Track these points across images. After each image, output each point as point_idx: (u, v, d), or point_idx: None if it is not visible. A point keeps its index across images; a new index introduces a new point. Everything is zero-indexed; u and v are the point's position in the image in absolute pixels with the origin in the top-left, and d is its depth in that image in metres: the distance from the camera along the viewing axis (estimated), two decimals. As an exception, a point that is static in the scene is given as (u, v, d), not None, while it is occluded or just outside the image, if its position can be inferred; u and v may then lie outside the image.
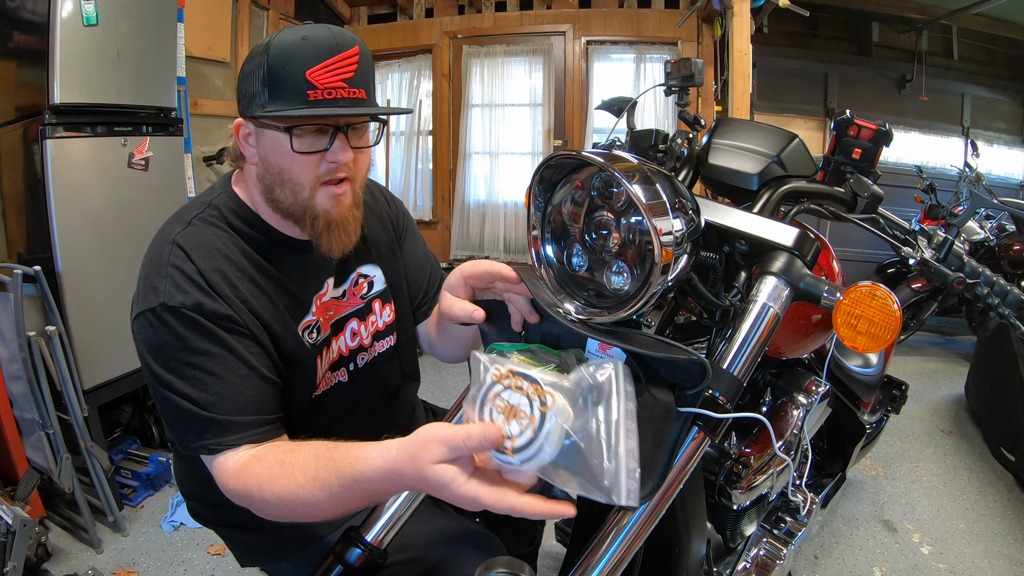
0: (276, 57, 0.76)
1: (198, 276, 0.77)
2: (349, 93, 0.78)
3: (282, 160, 0.80)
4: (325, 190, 0.82)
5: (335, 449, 0.68)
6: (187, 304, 0.75)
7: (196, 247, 0.80)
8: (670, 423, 0.64)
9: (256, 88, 0.78)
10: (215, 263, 0.79)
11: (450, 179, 4.73)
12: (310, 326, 0.89)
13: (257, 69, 0.77)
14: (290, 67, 0.76)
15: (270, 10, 3.71)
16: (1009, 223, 3.35)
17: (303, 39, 0.76)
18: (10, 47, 1.91)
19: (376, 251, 1.02)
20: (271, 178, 0.82)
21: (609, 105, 1.17)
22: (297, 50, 0.76)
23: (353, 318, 0.97)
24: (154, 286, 0.77)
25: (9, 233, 2.02)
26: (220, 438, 0.75)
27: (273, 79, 0.76)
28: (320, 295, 0.92)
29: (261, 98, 0.77)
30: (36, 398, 1.71)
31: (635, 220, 0.70)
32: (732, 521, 1.07)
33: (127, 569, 1.73)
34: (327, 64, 0.76)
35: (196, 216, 0.84)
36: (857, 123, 0.90)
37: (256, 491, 0.71)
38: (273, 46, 0.77)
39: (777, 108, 4.30)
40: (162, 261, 0.78)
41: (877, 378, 1.62)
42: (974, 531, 1.95)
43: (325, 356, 0.92)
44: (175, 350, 0.75)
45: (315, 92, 0.76)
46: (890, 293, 0.67)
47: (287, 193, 0.82)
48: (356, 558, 0.79)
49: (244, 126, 0.82)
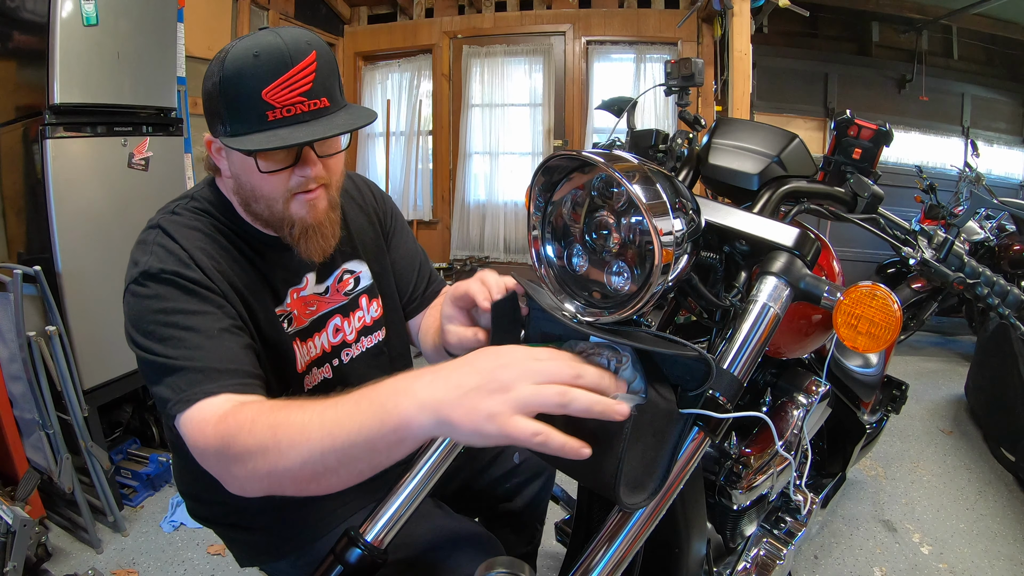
0: (230, 78, 0.74)
1: (180, 251, 0.79)
2: (309, 106, 0.77)
3: (252, 178, 0.81)
4: (298, 199, 0.82)
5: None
6: (167, 269, 0.76)
7: (180, 229, 0.81)
8: (672, 425, 0.64)
9: (217, 109, 0.77)
10: (198, 243, 0.81)
11: (450, 179, 4.73)
12: (283, 315, 0.90)
13: (214, 89, 0.76)
14: (246, 88, 0.74)
15: (270, 10, 3.71)
16: (1009, 223, 3.35)
17: (255, 56, 0.74)
18: (10, 47, 1.91)
19: (362, 246, 1.02)
20: (245, 193, 0.84)
21: (609, 105, 1.17)
22: (250, 70, 0.74)
23: (336, 315, 0.97)
24: (136, 261, 0.79)
25: (9, 233, 2.02)
26: (198, 386, 0.69)
27: (230, 102, 0.75)
28: (298, 288, 0.92)
29: (223, 122, 0.77)
30: (36, 398, 1.71)
31: (635, 220, 0.70)
32: (732, 521, 1.07)
33: (127, 569, 1.73)
34: (282, 81, 0.74)
35: (180, 206, 0.86)
36: (857, 123, 0.90)
37: (237, 434, 0.62)
38: (227, 67, 0.75)
39: (777, 108, 4.30)
40: (148, 242, 0.81)
41: (877, 378, 1.62)
42: (974, 531, 1.95)
43: (302, 348, 0.92)
44: (153, 312, 0.75)
45: (273, 112, 0.75)
46: (890, 293, 0.67)
47: (262, 207, 0.83)
48: (356, 558, 0.79)
49: (214, 142, 0.83)
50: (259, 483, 0.62)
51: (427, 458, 0.84)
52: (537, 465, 1.18)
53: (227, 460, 0.63)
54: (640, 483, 0.62)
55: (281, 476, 0.59)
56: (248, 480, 0.63)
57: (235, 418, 0.64)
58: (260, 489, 0.63)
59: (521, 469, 1.16)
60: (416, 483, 0.82)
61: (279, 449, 0.58)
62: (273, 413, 0.62)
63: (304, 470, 0.58)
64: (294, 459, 0.58)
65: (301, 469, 0.58)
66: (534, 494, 1.20)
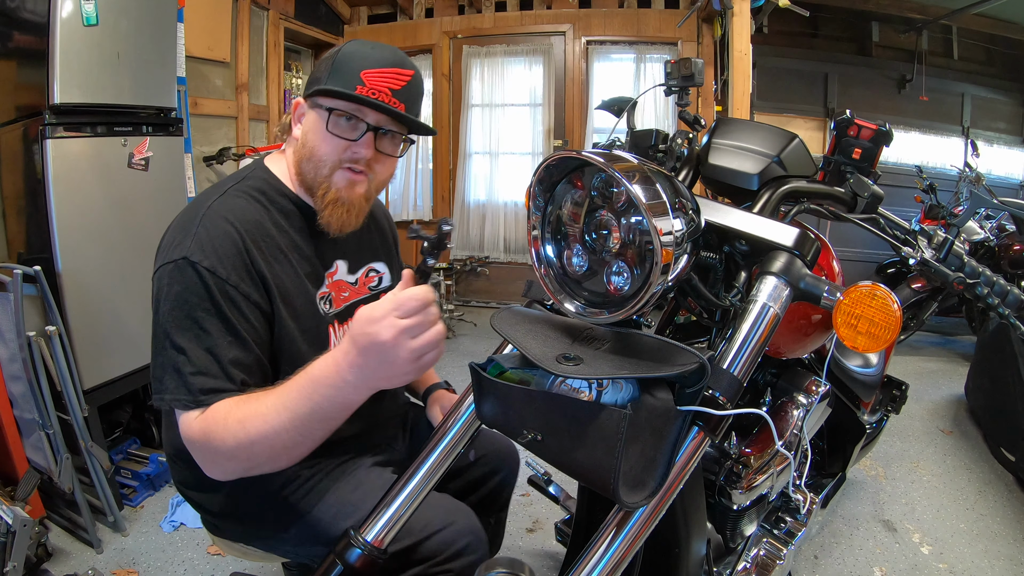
0: (345, 53, 0.90)
1: (222, 241, 0.84)
2: (391, 101, 0.89)
3: (315, 137, 0.91)
4: (343, 173, 0.92)
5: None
6: (204, 264, 0.82)
7: (226, 213, 0.87)
8: (670, 423, 0.64)
9: (320, 74, 0.90)
10: (241, 227, 0.86)
11: (450, 179, 4.73)
12: (324, 297, 0.98)
13: (327, 61, 0.90)
14: (352, 63, 0.88)
15: (270, 10, 3.71)
16: (1009, 223, 3.35)
17: (372, 48, 0.90)
18: (10, 47, 1.91)
19: (385, 252, 1.14)
20: (303, 152, 0.92)
21: (609, 105, 1.17)
22: (363, 53, 0.89)
23: (361, 305, 0.98)
24: (180, 242, 0.84)
25: (9, 233, 2.02)
26: (197, 393, 0.79)
27: (336, 69, 0.88)
28: (331, 272, 1.00)
29: (320, 81, 0.89)
30: (36, 398, 1.71)
31: (635, 220, 0.70)
32: (732, 521, 1.07)
33: (127, 569, 1.73)
34: (382, 71, 0.88)
35: (231, 188, 0.92)
36: (857, 123, 0.90)
37: (219, 422, 0.76)
38: (347, 45, 0.91)
39: (777, 108, 4.30)
40: (193, 222, 0.86)
41: (877, 378, 1.62)
42: (974, 531, 1.95)
43: (339, 331, 0.98)
44: (180, 300, 0.81)
45: (363, 88, 0.87)
46: (890, 293, 0.67)
47: (311, 167, 0.92)
48: (356, 558, 0.79)
49: (301, 106, 0.95)
50: (238, 466, 0.78)
51: (427, 458, 0.84)
52: (495, 460, 1.19)
53: (206, 451, 0.78)
54: (640, 481, 0.62)
55: (257, 458, 0.76)
56: (224, 469, 0.79)
57: (213, 415, 0.77)
58: (238, 472, 0.79)
59: (477, 465, 1.17)
60: (416, 483, 0.82)
61: (250, 440, 0.74)
62: (239, 408, 0.76)
63: (272, 452, 0.76)
64: (264, 448, 0.75)
65: (270, 452, 0.76)
66: (493, 488, 1.20)
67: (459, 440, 0.85)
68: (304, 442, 0.76)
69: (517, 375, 0.70)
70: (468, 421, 0.85)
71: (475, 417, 0.82)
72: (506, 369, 0.71)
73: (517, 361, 0.73)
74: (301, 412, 0.73)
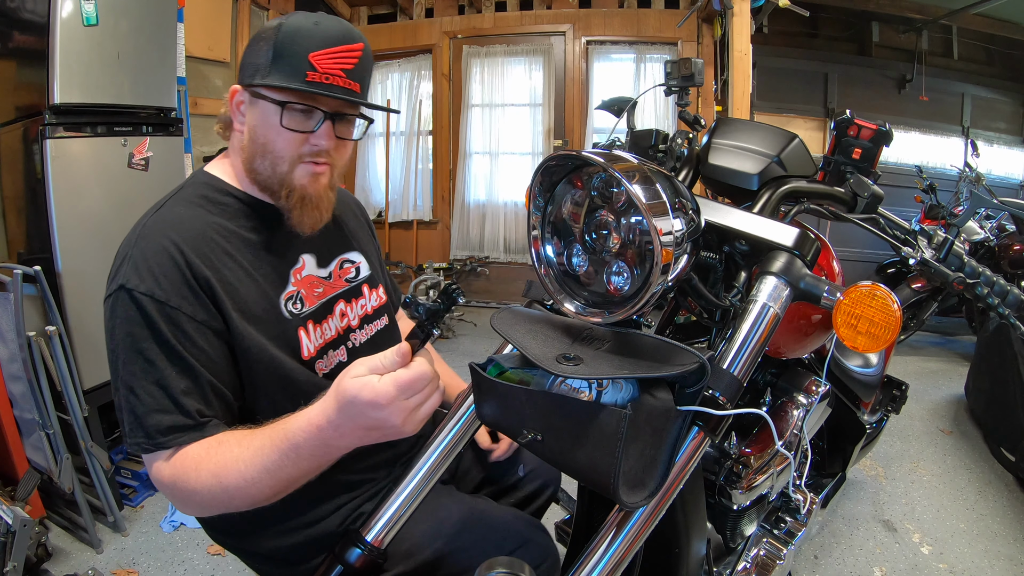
0: (286, 35, 0.80)
1: (158, 259, 0.77)
2: (345, 83, 0.82)
3: (268, 132, 0.83)
4: (304, 167, 0.85)
5: (272, 423, 0.73)
6: (141, 289, 0.75)
7: (163, 228, 0.80)
8: (670, 423, 0.64)
9: (259, 60, 0.81)
10: (180, 241, 0.79)
11: (450, 179, 4.73)
12: (292, 297, 0.89)
13: (265, 43, 0.81)
14: (296, 46, 0.79)
15: (270, 10, 3.71)
16: (1009, 223, 3.35)
17: (314, 24, 0.81)
18: (10, 47, 1.91)
19: (356, 241, 1.06)
20: (254, 148, 0.85)
21: (609, 105, 1.17)
22: (307, 32, 0.80)
23: (340, 299, 0.98)
24: (118, 269, 0.78)
25: (9, 233, 2.02)
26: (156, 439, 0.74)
27: (278, 54, 0.80)
28: (297, 269, 0.92)
29: (263, 69, 0.80)
30: (36, 398, 1.71)
31: (635, 220, 0.70)
32: (732, 521, 1.07)
33: (127, 569, 1.73)
34: (331, 51, 0.80)
35: (168, 200, 0.85)
36: (857, 123, 0.90)
37: (191, 473, 0.73)
38: (285, 24, 0.81)
39: (777, 108, 4.30)
40: (128, 244, 0.80)
41: (877, 378, 1.62)
42: (974, 531, 1.95)
43: (313, 331, 0.90)
44: (123, 332, 0.76)
45: (314, 74, 0.79)
46: (890, 293, 0.67)
47: (267, 165, 0.84)
48: (356, 558, 0.79)
49: (239, 94, 0.85)
50: (215, 511, 0.77)
51: (427, 459, 0.84)
52: (545, 475, 1.18)
53: (178, 498, 0.76)
54: (640, 481, 0.62)
55: (234, 504, 0.74)
56: (199, 512, 0.79)
57: (182, 463, 0.74)
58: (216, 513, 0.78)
59: (526, 481, 1.16)
60: (416, 483, 0.82)
61: (228, 493, 0.72)
62: (211, 457, 0.73)
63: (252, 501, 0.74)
64: (242, 498, 0.73)
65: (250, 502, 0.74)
66: (543, 502, 1.21)
67: (459, 440, 0.85)
68: (288, 489, 0.74)
69: (517, 375, 0.70)
70: (468, 421, 0.85)
71: (475, 417, 0.82)
72: (506, 369, 0.71)
73: (517, 361, 0.73)
74: (282, 476, 0.72)
